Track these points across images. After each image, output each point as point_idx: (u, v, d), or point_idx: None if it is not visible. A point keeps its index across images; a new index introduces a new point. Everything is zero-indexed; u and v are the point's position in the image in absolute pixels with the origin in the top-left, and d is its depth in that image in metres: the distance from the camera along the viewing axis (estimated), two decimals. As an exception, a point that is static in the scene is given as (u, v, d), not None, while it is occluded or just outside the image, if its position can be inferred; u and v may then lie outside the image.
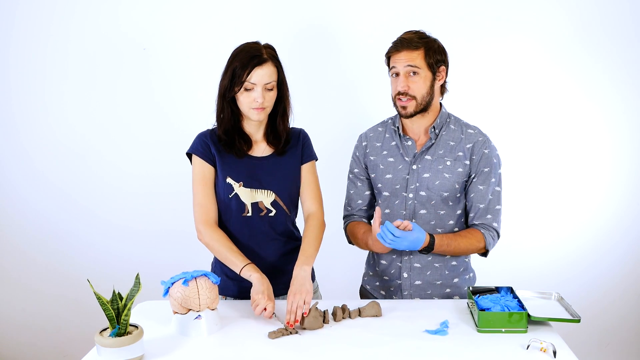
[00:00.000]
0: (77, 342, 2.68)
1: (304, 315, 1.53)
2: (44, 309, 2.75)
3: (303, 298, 1.54)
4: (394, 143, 1.84)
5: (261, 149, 1.77)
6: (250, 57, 1.62)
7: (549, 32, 2.49)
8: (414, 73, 1.71)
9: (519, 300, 1.56)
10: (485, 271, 2.05)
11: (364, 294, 1.98)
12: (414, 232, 1.62)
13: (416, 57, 1.71)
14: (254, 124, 1.74)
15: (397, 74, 1.74)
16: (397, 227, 1.61)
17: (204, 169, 1.73)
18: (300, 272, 1.61)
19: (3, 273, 2.74)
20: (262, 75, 1.62)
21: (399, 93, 1.73)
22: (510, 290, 1.65)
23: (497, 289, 1.66)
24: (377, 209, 1.67)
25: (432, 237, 1.68)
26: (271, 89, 1.66)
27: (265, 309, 1.55)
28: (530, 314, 1.48)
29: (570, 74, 2.53)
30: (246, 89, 1.64)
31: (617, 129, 2.58)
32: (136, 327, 1.38)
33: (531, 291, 1.66)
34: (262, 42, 1.69)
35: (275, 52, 1.69)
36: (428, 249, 1.68)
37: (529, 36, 2.49)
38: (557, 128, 2.57)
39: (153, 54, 2.53)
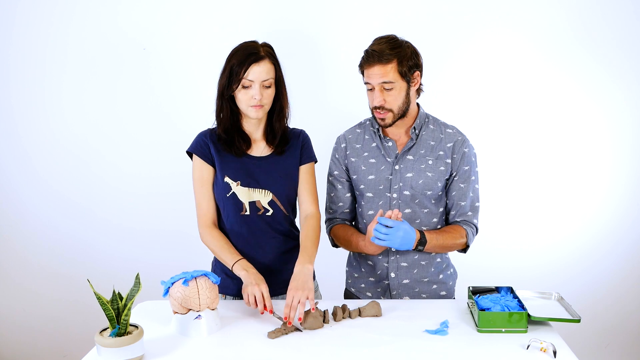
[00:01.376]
0: (77, 342, 2.68)
1: (312, 311, 1.52)
2: (44, 309, 2.76)
3: (305, 295, 1.53)
4: (374, 144, 1.84)
5: (260, 148, 1.77)
6: (247, 54, 1.63)
7: (547, 29, 2.49)
8: (389, 88, 1.70)
9: (519, 300, 1.56)
10: (486, 270, 2.05)
11: (348, 296, 1.98)
12: (405, 223, 1.63)
13: (389, 71, 1.68)
14: (253, 122, 1.75)
15: (372, 89, 1.73)
16: (389, 218, 1.62)
17: (202, 170, 1.74)
18: (302, 269, 1.60)
19: (3, 273, 2.74)
20: (259, 72, 1.63)
21: (376, 107, 1.73)
22: (510, 290, 1.65)
23: (497, 289, 1.66)
24: (380, 212, 1.66)
25: (421, 232, 1.70)
26: (269, 87, 1.67)
27: (263, 299, 1.54)
28: (530, 314, 1.48)
29: (570, 73, 2.53)
30: (244, 87, 1.64)
31: (617, 129, 2.58)
32: (136, 327, 1.38)
33: (531, 291, 1.66)
34: (260, 42, 1.69)
35: (272, 50, 1.70)
36: (422, 242, 1.68)
37: (528, 33, 2.49)
38: (556, 128, 2.57)
39: (153, 53, 2.53)
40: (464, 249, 1.86)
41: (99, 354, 1.34)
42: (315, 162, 1.84)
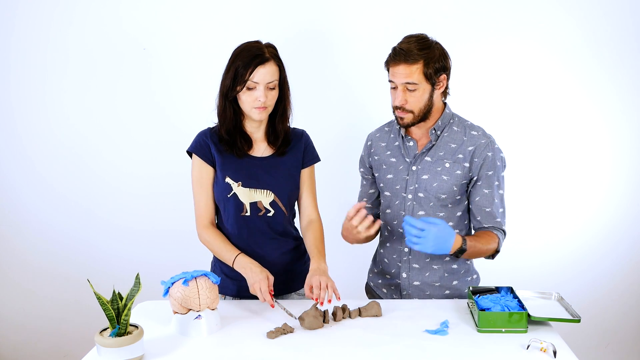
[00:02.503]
0: (77, 342, 2.69)
1: (338, 301, 1.58)
2: (44, 309, 2.75)
3: (329, 281, 1.58)
4: (397, 143, 1.84)
5: (261, 149, 1.77)
6: (252, 56, 1.62)
7: (551, 33, 2.48)
8: (412, 89, 1.67)
9: (519, 300, 1.56)
10: (487, 271, 2.04)
11: (368, 290, 2.01)
12: (437, 224, 1.54)
13: (414, 72, 1.65)
14: (255, 123, 1.75)
15: (395, 87, 1.71)
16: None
17: (202, 170, 1.74)
18: (320, 265, 1.65)
19: (2, 273, 2.73)
20: (264, 74, 1.62)
21: (397, 106, 1.71)
22: (510, 290, 1.65)
23: (497, 289, 1.66)
24: (357, 205, 1.63)
25: (464, 240, 1.63)
26: (273, 88, 1.66)
27: (271, 294, 1.58)
28: (530, 314, 1.48)
29: (571, 74, 2.53)
30: (248, 88, 1.64)
31: (617, 129, 2.57)
32: (136, 327, 1.38)
33: (531, 291, 1.66)
34: (263, 42, 1.69)
35: (276, 51, 1.69)
36: (461, 250, 1.62)
37: (531, 37, 2.49)
38: (557, 128, 2.57)
39: (153, 53, 2.53)
40: (493, 254, 1.79)
41: (99, 354, 1.34)
42: (319, 161, 1.84)
